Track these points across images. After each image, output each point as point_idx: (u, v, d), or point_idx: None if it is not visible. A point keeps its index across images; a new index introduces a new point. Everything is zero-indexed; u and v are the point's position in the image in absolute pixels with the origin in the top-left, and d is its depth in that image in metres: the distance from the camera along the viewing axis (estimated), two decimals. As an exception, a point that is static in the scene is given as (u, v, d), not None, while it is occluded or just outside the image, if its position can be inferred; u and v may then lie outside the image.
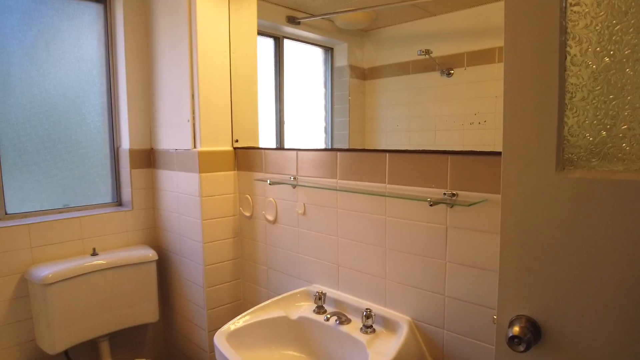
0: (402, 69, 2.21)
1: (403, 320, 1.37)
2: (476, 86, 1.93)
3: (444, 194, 1.23)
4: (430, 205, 1.23)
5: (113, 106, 2.27)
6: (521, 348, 0.77)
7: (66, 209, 2.15)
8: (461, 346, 1.26)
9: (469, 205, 1.16)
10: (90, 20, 2.18)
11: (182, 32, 1.91)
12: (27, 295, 1.92)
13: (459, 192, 1.21)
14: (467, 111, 1.96)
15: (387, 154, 1.37)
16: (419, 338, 1.35)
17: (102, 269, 1.95)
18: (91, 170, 2.23)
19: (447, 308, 1.28)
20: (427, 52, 2.07)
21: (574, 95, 0.74)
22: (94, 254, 2.04)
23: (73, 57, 2.13)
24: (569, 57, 0.74)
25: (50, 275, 1.80)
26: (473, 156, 1.17)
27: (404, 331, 1.32)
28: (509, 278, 0.82)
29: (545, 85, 0.74)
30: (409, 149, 1.35)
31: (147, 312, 2.12)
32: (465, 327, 1.24)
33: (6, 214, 1.97)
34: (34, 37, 2.01)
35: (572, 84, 0.74)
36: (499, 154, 1.11)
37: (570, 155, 0.75)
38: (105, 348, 2.08)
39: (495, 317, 0.86)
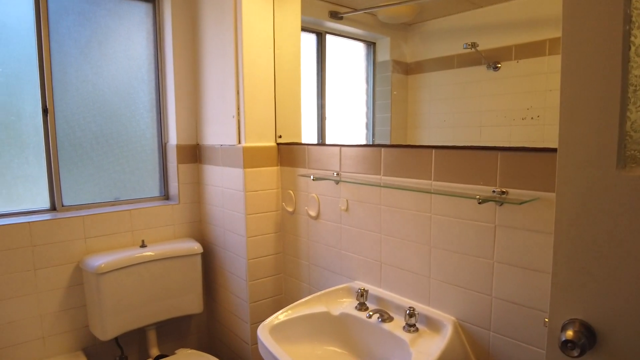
0: (447, 63, 2.15)
1: (447, 320, 1.34)
2: (525, 80, 1.86)
3: (493, 191, 1.19)
4: (479, 203, 1.19)
5: (161, 103, 2.34)
6: (575, 353, 0.74)
7: (117, 201, 2.24)
8: (508, 349, 1.22)
9: (520, 203, 1.12)
10: (139, 19, 2.25)
11: (228, 29, 1.94)
12: (81, 284, 2.03)
13: (509, 189, 1.16)
14: (514, 106, 1.88)
15: (434, 150, 1.34)
16: (463, 339, 1.32)
17: (150, 260, 2.03)
18: (140, 164, 2.32)
19: (494, 309, 1.24)
20: (473, 45, 2.01)
21: (637, 88, 0.69)
22: (143, 245, 2.12)
23: (124, 55, 2.22)
24: (633, 48, 0.69)
25: (103, 265, 1.88)
26: (525, 152, 1.12)
27: (448, 331, 1.29)
28: (563, 280, 0.78)
29: (607, 78, 0.70)
30: (454, 145, 1.31)
31: (192, 303, 2.18)
32: (513, 329, 1.20)
33: (62, 205, 2.08)
34: (88, 36, 2.11)
35: (636, 76, 0.69)
36: (553, 150, 1.06)
37: (632, 152, 0.71)
38: (152, 336, 2.16)
39: (546, 320, 0.82)
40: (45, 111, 2.00)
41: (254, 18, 1.90)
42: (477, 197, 1.18)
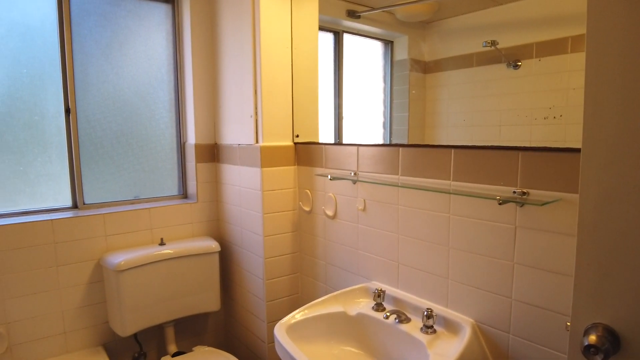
0: (466, 61, 2.13)
1: (465, 322, 1.32)
2: (546, 78, 1.82)
3: (514, 192, 1.17)
4: (499, 204, 1.17)
5: (180, 103, 2.37)
6: (598, 358, 0.72)
7: (137, 200, 2.27)
8: (528, 352, 1.20)
9: (542, 204, 1.10)
10: (159, 20, 2.28)
11: (246, 29, 1.95)
12: (101, 281, 2.06)
13: (530, 190, 1.14)
14: (535, 105, 1.85)
15: (453, 150, 1.32)
16: (482, 341, 1.30)
17: (169, 258, 2.05)
18: (159, 163, 2.35)
19: (514, 311, 1.22)
20: (493, 43, 1.98)
21: (665, 86, 0.67)
22: (162, 243, 2.14)
23: (144, 56, 2.25)
24: (661, 45, 0.67)
25: (123, 262, 1.91)
26: (547, 152, 1.10)
27: (466, 333, 1.28)
28: (586, 283, 0.77)
29: (633, 76, 0.68)
30: (474, 144, 1.29)
31: (209, 301, 2.20)
32: (534, 332, 1.18)
33: (84, 203, 2.12)
34: (109, 37, 2.14)
35: (664, 74, 0.67)
36: (577, 150, 1.04)
37: (659, 152, 0.69)
38: (170, 333, 2.18)
39: (568, 324, 0.80)
40: (67, 111, 2.04)
41: (271, 18, 1.91)
42: (497, 197, 1.16)
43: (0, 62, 1.88)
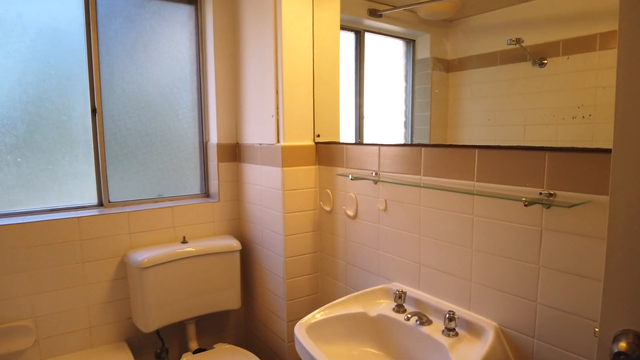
0: (489, 59, 2.09)
1: (489, 325, 1.30)
2: (574, 77, 1.78)
3: (540, 193, 1.14)
4: (525, 206, 1.15)
5: (202, 103, 2.39)
6: (628, 366, 0.70)
7: (160, 198, 2.31)
8: (554, 358, 1.17)
9: (570, 206, 1.07)
10: (182, 21, 2.31)
11: (268, 29, 1.96)
12: (125, 277, 2.10)
13: (557, 192, 1.11)
14: (562, 104, 1.81)
15: (477, 150, 1.30)
16: (505, 345, 1.28)
17: (191, 256, 2.08)
18: (182, 163, 2.38)
19: (539, 316, 1.19)
20: (518, 41, 1.94)
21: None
22: (184, 241, 2.17)
23: (167, 56, 2.28)
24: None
25: (146, 259, 1.95)
26: (575, 153, 1.07)
27: (489, 337, 1.26)
28: (616, 288, 0.74)
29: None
30: (498, 144, 1.27)
31: (230, 299, 2.22)
32: (560, 337, 1.15)
33: (109, 202, 2.16)
34: (134, 39, 2.18)
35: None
36: (607, 150, 1.01)
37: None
38: (191, 330, 2.21)
39: (596, 329, 0.78)
40: (94, 111, 2.09)
41: (293, 18, 1.91)
42: (523, 199, 1.13)
43: (31, 64, 1.94)
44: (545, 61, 1.85)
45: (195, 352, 2.12)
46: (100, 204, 2.15)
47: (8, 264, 1.83)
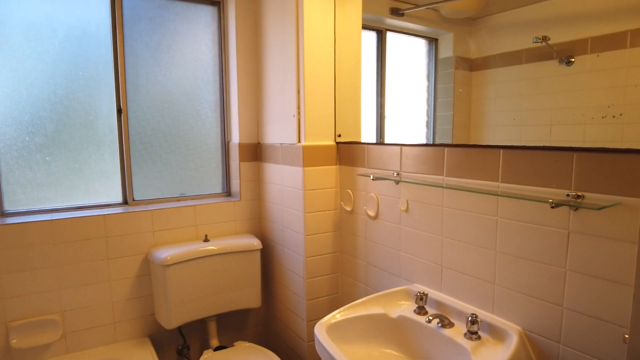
0: (514, 58, 2.05)
1: (512, 329, 1.27)
2: (603, 75, 1.73)
3: (567, 195, 1.11)
4: (552, 207, 1.12)
5: (225, 103, 2.42)
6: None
7: (182, 197, 2.34)
8: (581, 364, 1.14)
9: (599, 209, 1.04)
10: (205, 22, 2.34)
11: (289, 29, 1.97)
12: (148, 274, 2.14)
13: (585, 193, 1.08)
14: (590, 103, 1.76)
15: (502, 150, 1.28)
16: (530, 350, 1.25)
17: (213, 255, 2.10)
18: (204, 162, 2.41)
19: (565, 320, 1.16)
20: (544, 39, 1.90)
21: None
22: (206, 240, 2.20)
23: (190, 57, 2.31)
24: None
25: (169, 257, 1.98)
26: (605, 154, 1.04)
27: (513, 341, 1.23)
28: (648, 294, 0.72)
29: None
30: (524, 144, 1.24)
31: (250, 297, 2.24)
32: (587, 343, 1.12)
33: (133, 200, 2.20)
34: (158, 40, 2.22)
35: None
36: (639, 151, 0.98)
37: None
38: (212, 327, 2.24)
39: (626, 336, 0.76)
40: (119, 111, 2.13)
41: (315, 18, 1.91)
42: (550, 200, 1.11)
43: (60, 66, 1.99)
44: (573, 59, 1.80)
45: (216, 349, 2.15)
46: (125, 202, 2.19)
47: (37, 259, 1.88)
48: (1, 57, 1.88)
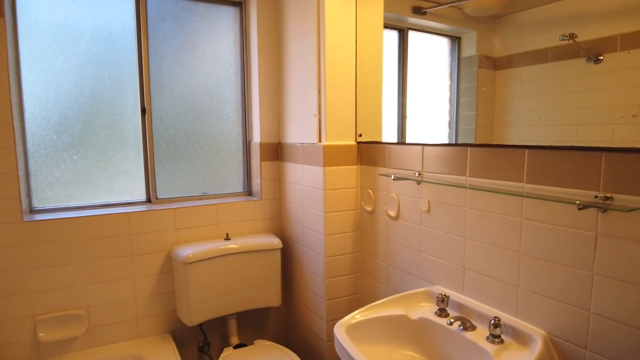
0: (540, 56, 2.00)
1: (537, 333, 1.25)
2: (633, 73, 1.67)
3: (596, 196, 1.08)
4: (579, 209, 1.09)
5: (246, 103, 2.44)
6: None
7: (204, 196, 2.37)
8: (608, 371, 1.11)
9: (629, 211, 1.00)
10: (228, 22, 2.36)
11: (311, 29, 1.97)
12: (171, 272, 2.17)
13: (614, 195, 1.05)
14: (619, 102, 1.70)
15: (527, 150, 1.25)
16: (555, 355, 1.22)
17: (234, 253, 2.12)
18: (226, 161, 2.44)
19: (592, 326, 1.13)
20: (571, 36, 1.85)
21: None
22: (227, 238, 2.22)
23: (213, 57, 2.34)
24: None
25: (191, 255, 2.00)
26: (635, 154, 1.01)
27: (537, 345, 1.20)
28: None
29: None
30: (550, 144, 1.21)
31: (270, 296, 2.25)
32: (615, 349, 1.09)
33: (157, 198, 2.24)
34: (182, 41, 2.25)
35: None
36: (672, 152, 0.95)
37: None
38: (233, 325, 2.26)
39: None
40: (143, 111, 2.17)
41: (336, 18, 1.91)
42: (577, 202, 1.08)
43: (86, 67, 2.04)
44: (601, 57, 1.75)
45: (236, 347, 2.17)
46: (149, 201, 2.23)
47: (64, 255, 1.93)
48: (31, 59, 1.93)
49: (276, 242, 2.23)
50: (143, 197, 2.23)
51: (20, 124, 1.91)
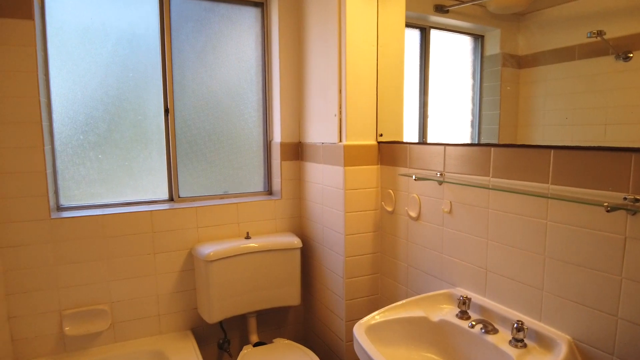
0: (566, 54, 1.95)
1: (561, 338, 1.22)
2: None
3: (625, 198, 1.05)
4: (607, 211, 1.06)
5: (267, 102, 2.45)
6: None
7: (225, 195, 2.40)
8: (637, 378, 1.07)
9: (660, 214, 0.97)
10: (249, 23, 2.38)
11: (332, 29, 1.96)
12: (192, 269, 2.20)
13: (644, 197, 1.02)
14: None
15: (552, 151, 1.22)
16: (580, 361, 1.19)
17: (254, 252, 2.14)
18: (247, 161, 2.45)
19: (620, 332, 1.10)
20: (599, 33, 1.80)
21: None
22: (248, 237, 2.24)
23: (234, 58, 2.36)
24: None
25: (212, 253, 2.02)
26: (668, 155, 0.98)
27: (562, 351, 1.18)
28: None
29: None
30: (576, 144, 1.18)
31: (290, 295, 2.26)
32: (644, 356, 1.05)
33: (179, 197, 2.27)
34: (204, 42, 2.27)
35: None
36: None
37: None
38: (252, 323, 2.27)
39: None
40: (166, 111, 2.20)
41: (357, 17, 1.90)
42: (605, 204, 1.05)
43: (111, 68, 2.08)
44: (631, 54, 1.70)
45: (256, 345, 2.18)
46: (171, 199, 2.27)
47: (89, 251, 1.98)
48: (59, 61, 1.98)
49: (296, 241, 2.23)
50: (166, 196, 2.26)
51: (48, 123, 1.96)
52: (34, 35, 1.79)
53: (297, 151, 2.40)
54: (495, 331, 1.34)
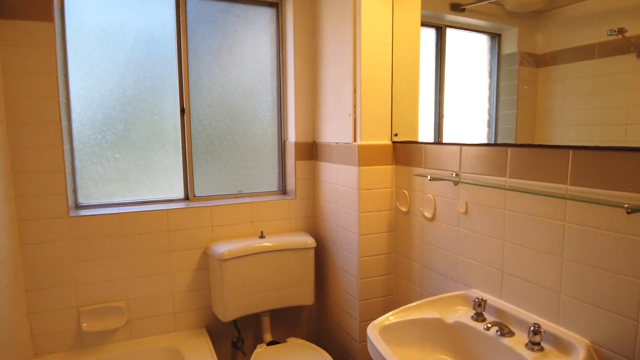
0: (586, 53, 1.92)
1: (579, 342, 1.19)
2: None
3: (646, 200, 1.02)
4: (628, 213, 1.03)
5: (282, 102, 2.46)
6: None
7: (240, 194, 2.41)
8: (659, 384, 1.04)
9: (683, 216, 0.95)
10: (264, 23, 2.39)
11: (347, 28, 1.96)
12: (207, 268, 2.22)
13: (667, 199, 0.99)
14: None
15: (571, 151, 1.20)
16: (599, 365, 1.17)
17: (268, 251, 2.14)
18: (262, 160, 2.46)
19: (642, 336, 1.07)
20: (620, 31, 1.76)
21: None
22: (262, 236, 2.25)
23: (250, 58, 2.37)
24: None
25: (227, 252, 2.04)
26: (692, 156, 0.95)
27: (580, 355, 1.15)
28: None
29: None
30: (596, 145, 1.16)
31: (303, 295, 2.26)
32: (667, 362, 1.03)
33: (194, 196, 2.29)
34: (219, 42, 2.29)
35: None
36: None
37: None
38: (266, 322, 2.28)
39: None
40: (182, 111, 2.23)
41: (372, 16, 1.89)
42: (625, 205, 1.02)
43: (129, 68, 2.11)
44: (653, 53, 1.66)
45: (269, 344, 2.19)
46: (187, 198, 2.29)
47: (106, 249, 2.01)
48: (78, 61, 2.02)
49: (310, 241, 2.23)
50: (181, 195, 2.28)
51: (67, 123, 2.00)
52: (54, 37, 1.82)
53: (311, 151, 2.41)
54: (511, 334, 1.32)
